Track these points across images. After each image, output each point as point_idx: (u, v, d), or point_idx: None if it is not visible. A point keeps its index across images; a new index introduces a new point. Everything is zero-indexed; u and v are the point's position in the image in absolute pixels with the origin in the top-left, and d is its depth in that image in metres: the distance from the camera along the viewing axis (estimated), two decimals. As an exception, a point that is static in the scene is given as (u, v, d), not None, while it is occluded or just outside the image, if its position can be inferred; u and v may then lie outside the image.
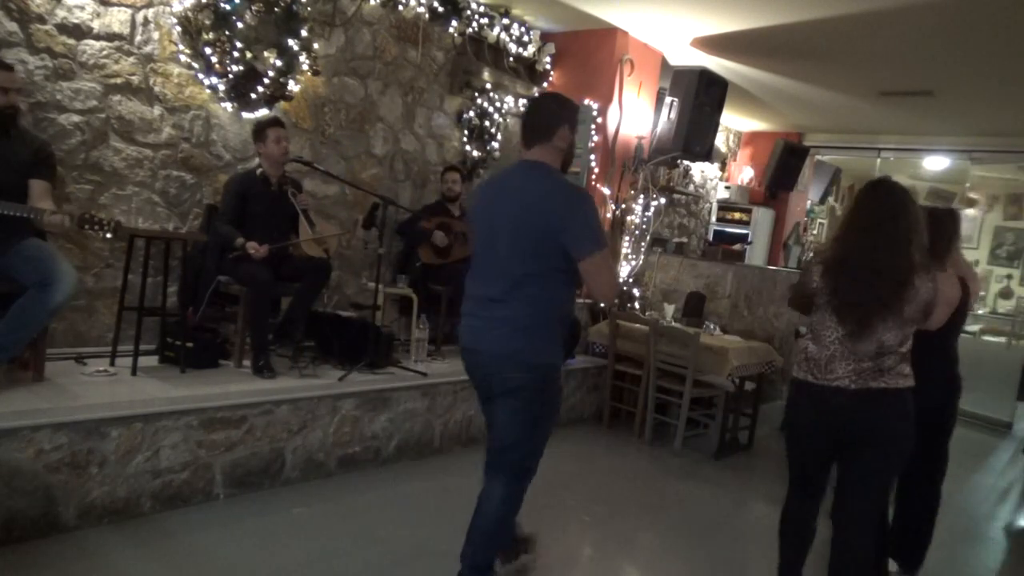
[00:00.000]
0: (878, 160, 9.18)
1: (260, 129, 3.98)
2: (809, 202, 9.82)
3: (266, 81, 4.20)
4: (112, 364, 3.53)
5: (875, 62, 5.72)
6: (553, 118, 2.47)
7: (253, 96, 4.21)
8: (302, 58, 4.35)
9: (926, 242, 2.48)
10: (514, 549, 2.93)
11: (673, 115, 5.98)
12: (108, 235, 3.06)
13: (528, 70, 6.00)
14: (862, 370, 2.41)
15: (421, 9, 5.09)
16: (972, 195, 9.96)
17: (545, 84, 6.15)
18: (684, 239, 7.99)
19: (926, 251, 2.47)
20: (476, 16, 5.38)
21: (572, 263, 2.38)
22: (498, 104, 5.89)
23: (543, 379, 2.50)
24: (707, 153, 6.34)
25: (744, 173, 9.14)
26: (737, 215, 8.78)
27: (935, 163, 9.14)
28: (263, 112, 4.32)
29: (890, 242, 2.38)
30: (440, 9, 5.14)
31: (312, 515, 3.27)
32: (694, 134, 5.99)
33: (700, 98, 5.93)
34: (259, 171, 4.01)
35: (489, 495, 2.60)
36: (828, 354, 2.47)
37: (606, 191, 5.95)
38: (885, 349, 2.40)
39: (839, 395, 2.43)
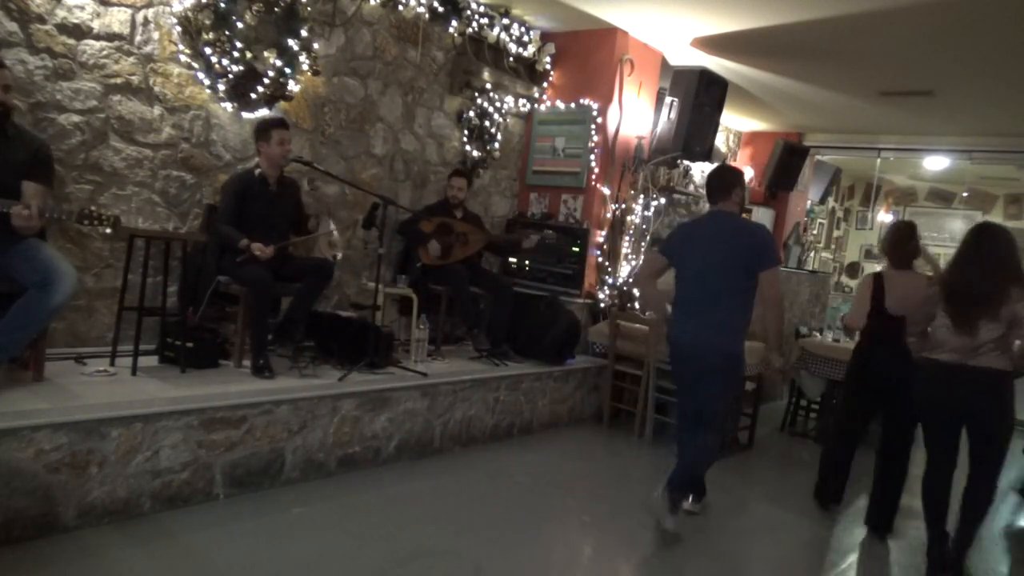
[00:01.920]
0: (878, 160, 9.18)
1: (264, 128, 3.96)
2: (809, 202, 9.82)
3: (266, 81, 4.20)
4: (112, 364, 3.53)
5: (875, 62, 5.72)
6: (731, 182, 3.57)
7: (253, 96, 4.21)
8: (302, 58, 4.35)
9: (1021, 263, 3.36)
10: (702, 492, 3.92)
11: (673, 115, 5.98)
12: (108, 230, 3.05)
13: (528, 70, 6.01)
14: (965, 352, 3.32)
15: (421, 9, 5.09)
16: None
17: (545, 84, 6.15)
18: (684, 239, 7.97)
19: (1020, 271, 3.31)
20: (476, 16, 5.38)
21: (755, 282, 3.43)
22: (498, 104, 5.89)
23: (736, 362, 3.54)
24: (707, 153, 6.34)
25: (744, 173, 9.13)
26: (737, 215, 8.76)
27: (935, 163, 9.14)
28: (263, 112, 4.32)
29: (988, 266, 3.31)
30: (440, 9, 5.14)
31: (312, 515, 3.27)
32: (694, 134, 5.99)
33: (700, 98, 5.93)
34: (257, 171, 4.00)
35: (703, 450, 3.61)
36: (943, 341, 3.41)
37: (606, 191, 5.95)
38: (983, 340, 3.28)
39: (948, 367, 3.37)
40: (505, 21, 5.64)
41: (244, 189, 3.94)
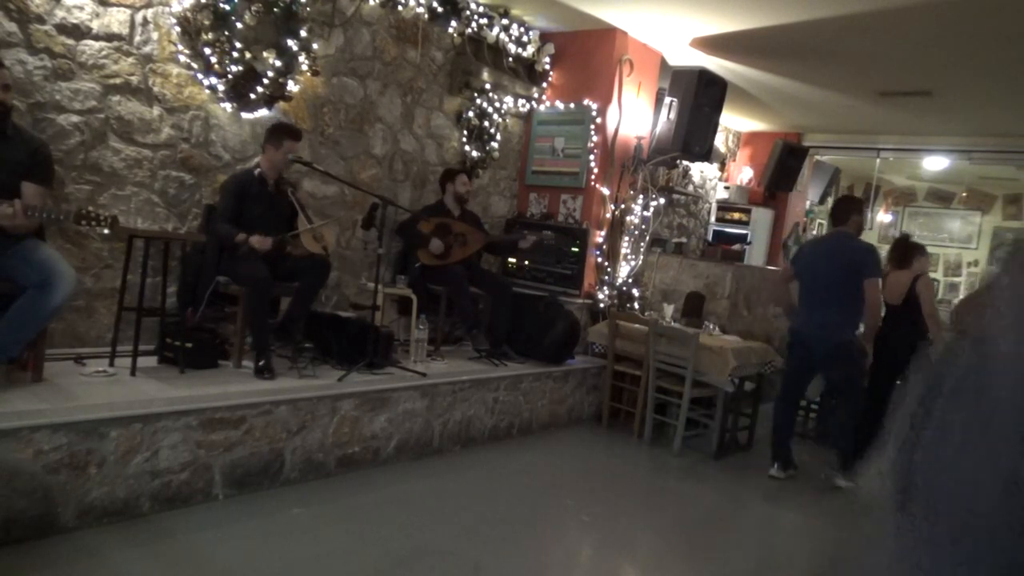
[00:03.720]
0: (877, 160, 9.19)
1: (278, 133, 3.99)
2: (808, 202, 9.82)
3: (265, 81, 4.19)
4: (111, 364, 3.53)
5: (875, 62, 5.73)
6: (850, 211, 4.60)
7: (252, 96, 4.21)
8: (301, 58, 4.35)
9: None
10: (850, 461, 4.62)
11: (672, 115, 5.98)
12: (106, 230, 3.05)
13: (527, 70, 6.00)
14: None
15: (420, 9, 5.09)
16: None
17: (544, 84, 6.15)
18: (683, 239, 7.98)
19: None
20: (475, 16, 5.38)
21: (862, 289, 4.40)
22: (497, 104, 5.89)
23: (847, 346, 4.49)
24: (706, 153, 6.34)
25: (743, 173, 9.14)
26: (736, 215, 8.78)
27: (934, 163, 9.14)
28: (262, 112, 4.32)
29: None
30: (439, 9, 5.14)
31: (311, 515, 3.27)
32: (693, 134, 5.99)
33: (699, 98, 5.93)
34: (257, 171, 4.01)
35: (843, 419, 4.61)
36: None
37: (605, 191, 5.95)
38: None
39: None
40: (504, 21, 5.64)
41: (243, 188, 3.95)
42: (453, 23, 5.27)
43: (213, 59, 3.98)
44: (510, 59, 5.77)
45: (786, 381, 4.85)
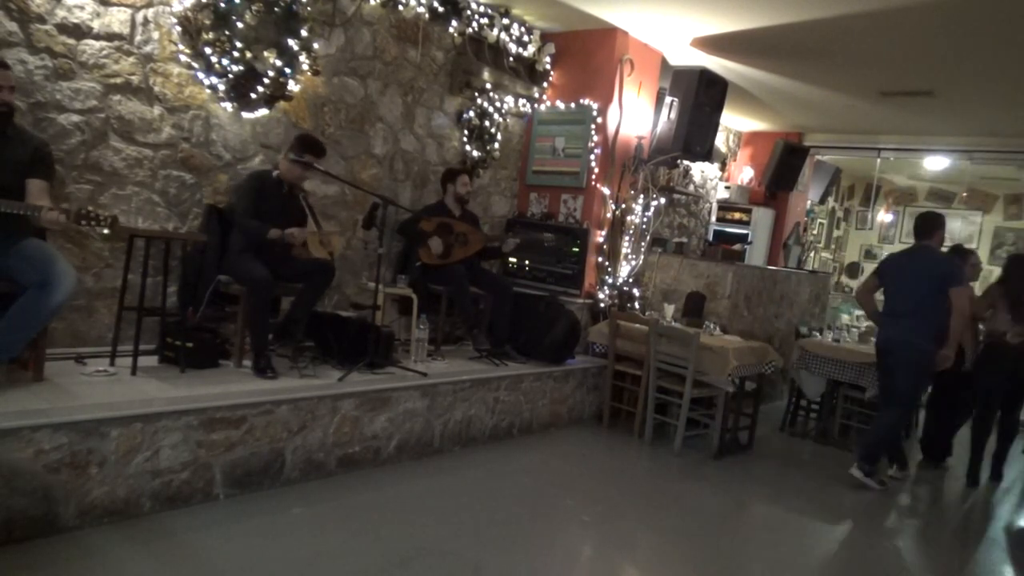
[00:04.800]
0: (878, 160, 9.18)
1: (302, 147, 4.02)
2: (809, 202, 9.82)
3: (266, 81, 4.20)
4: (112, 364, 3.53)
5: (875, 62, 5.72)
6: (934, 226, 4.80)
7: (253, 96, 4.21)
8: (302, 58, 4.35)
9: None
10: (902, 461, 5.16)
11: (673, 115, 5.98)
12: (106, 230, 3.05)
13: (528, 70, 6.00)
14: (1021, 335, 4.94)
15: (421, 9, 5.09)
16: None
17: (545, 84, 6.15)
18: (684, 239, 7.98)
19: None
20: (476, 16, 5.38)
21: (947, 298, 4.58)
22: (498, 104, 5.89)
23: (925, 355, 4.65)
24: (707, 153, 6.34)
25: (744, 173, 9.14)
26: (737, 215, 8.77)
27: (935, 163, 9.14)
28: (263, 112, 4.33)
29: None
30: (440, 9, 5.14)
31: (312, 515, 3.27)
32: (694, 134, 5.98)
33: (700, 98, 5.93)
34: (275, 173, 4.10)
35: (882, 419, 4.85)
36: (1006, 328, 4.99)
37: (606, 191, 5.95)
38: None
39: (1008, 346, 4.98)
40: (505, 21, 5.64)
41: (260, 186, 4.02)
42: (454, 23, 5.28)
43: (214, 59, 3.98)
44: (511, 59, 5.77)
45: (881, 391, 5.02)
